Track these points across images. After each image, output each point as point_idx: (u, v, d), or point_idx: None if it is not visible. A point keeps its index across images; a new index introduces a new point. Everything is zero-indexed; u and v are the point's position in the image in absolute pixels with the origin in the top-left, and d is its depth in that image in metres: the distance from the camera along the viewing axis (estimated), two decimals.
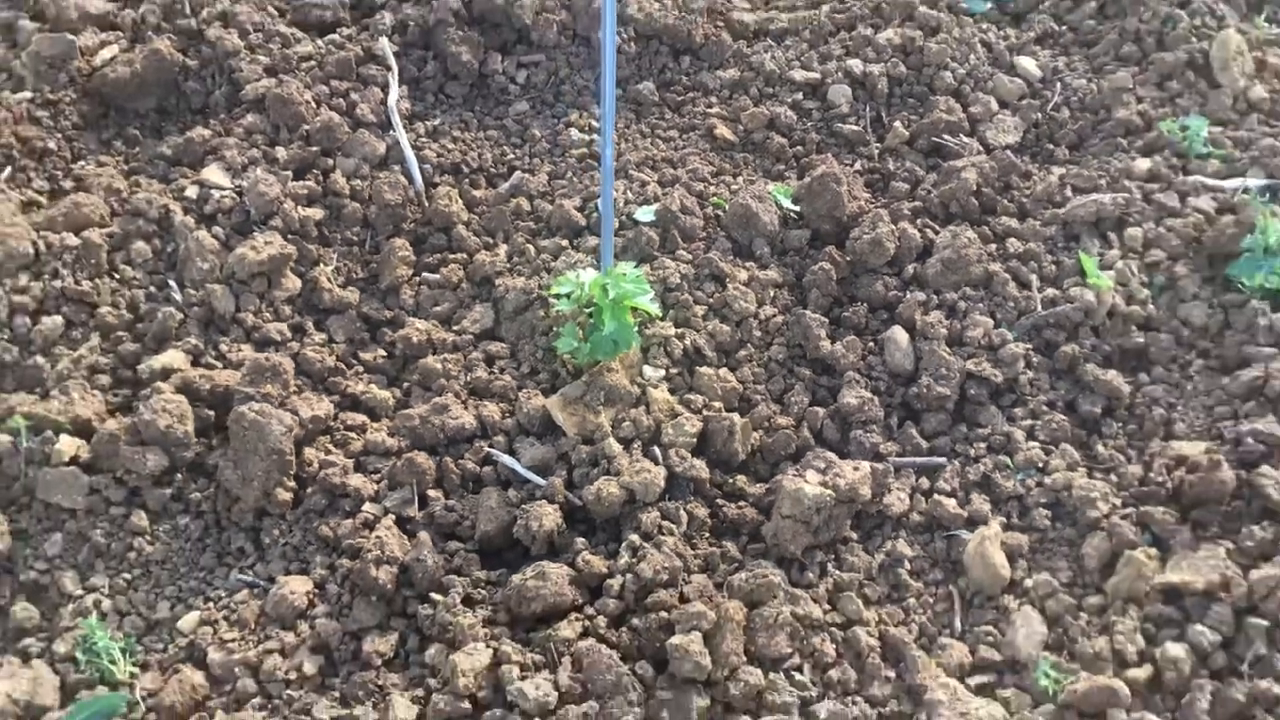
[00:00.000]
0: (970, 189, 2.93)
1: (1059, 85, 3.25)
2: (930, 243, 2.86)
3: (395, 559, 2.29)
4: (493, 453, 2.49)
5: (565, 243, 2.88)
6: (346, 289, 2.82)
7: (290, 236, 2.81)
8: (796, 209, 2.94)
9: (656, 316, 2.67)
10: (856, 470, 2.41)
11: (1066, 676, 2.15)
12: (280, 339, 2.68)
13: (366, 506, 2.41)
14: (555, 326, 2.67)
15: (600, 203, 2.60)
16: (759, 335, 2.73)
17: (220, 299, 2.68)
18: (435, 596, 2.27)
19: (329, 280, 2.80)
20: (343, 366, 2.70)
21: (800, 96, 3.25)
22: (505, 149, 3.15)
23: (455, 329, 2.78)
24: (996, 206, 2.96)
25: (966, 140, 3.10)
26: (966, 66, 3.28)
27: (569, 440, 2.48)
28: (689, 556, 2.31)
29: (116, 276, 2.72)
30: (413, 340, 2.72)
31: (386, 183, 2.93)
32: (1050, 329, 2.69)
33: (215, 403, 2.52)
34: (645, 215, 2.91)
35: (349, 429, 2.57)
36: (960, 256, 2.77)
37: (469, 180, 3.06)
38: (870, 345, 2.72)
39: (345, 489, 2.43)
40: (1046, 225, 2.89)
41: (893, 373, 2.67)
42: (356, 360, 2.74)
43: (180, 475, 2.45)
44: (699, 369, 2.63)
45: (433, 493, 2.44)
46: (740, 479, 2.50)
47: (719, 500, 2.46)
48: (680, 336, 2.68)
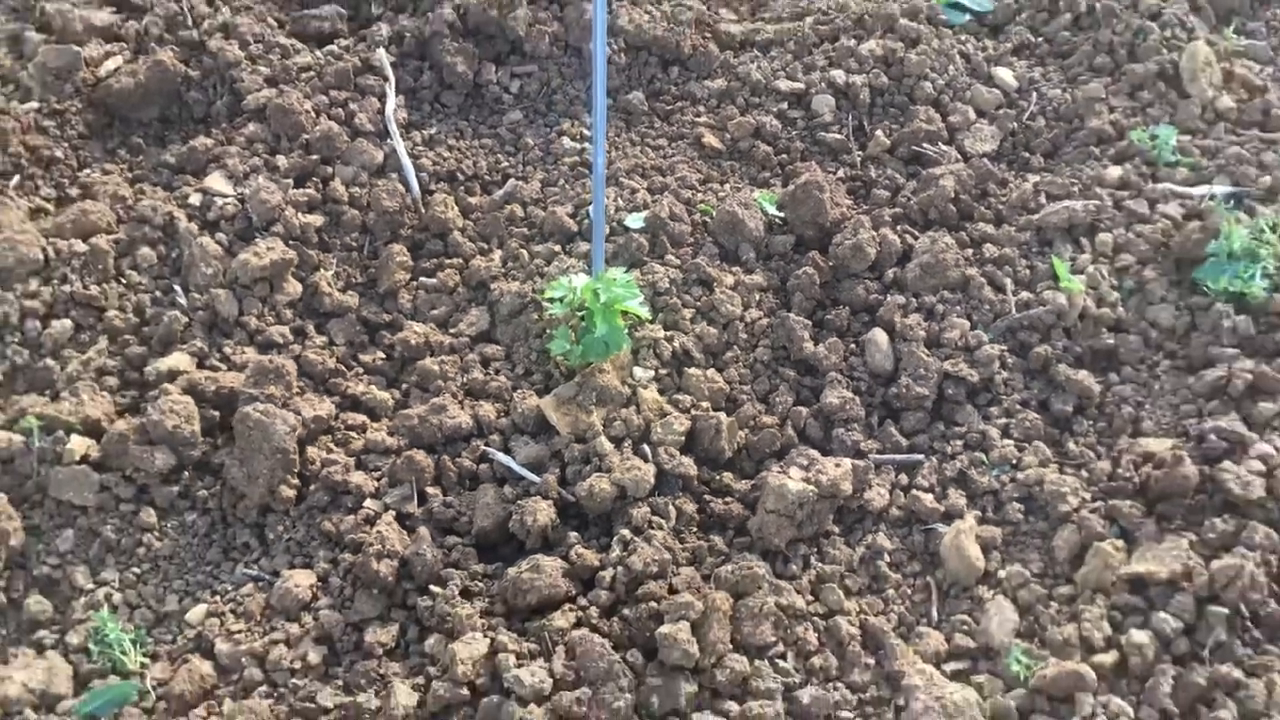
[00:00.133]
0: (948, 196, 2.98)
1: (1035, 95, 3.30)
2: (910, 248, 2.91)
3: (395, 553, 2.35)
4: (489, 451, 2.54)
5: (558, 248, 2.93)
6: (346, 293, 2.87)
7: (291, 242, 2.86)
8: (781, 215, 2.99)
9: (646, 319, 2.71)
10: (838, 467, 2.47)
11: (1037, 662, 2.21)
12: (282, 342, 2.74)
13: (367, 503, 2.46)
14: (549, 329, 2.72)
15: (592, 209, 2.62)
16: (745, 337, 2.78)
17: (224, 303, 2.74)
18: (434, 589, 2.32)
19: (329, 285, 2.85)
20: (343, 368, 2.74)
21: (785, 106, 3.30)
22: (499, 157, 3.19)
23: (452, 332, 2.83)
24: (974, 213, 3.01)
25: (945, 149, 3.16)
26: (946, 77, 3.33)
27: (562, 439, 2.53)
28: (677, 550, 2.37)
29: (123, 281, 2.77)
30: (411, 343, 2.77)
31: (384, 190, 2.98)
32: (1024, 331, 2.76)
33: (220, 403, 2.57)
34: (635, 222, 2.95)
35: (350, 428, 2.62)
36: (938, 261, 2.84)
37: (464, 187, 3.11)
38: (852, 347, 2.77)
39: (347, 486, 2.48)
40: (1021, 231, 2.95)
41: (873, 373, 2.73)
42: (356, 362, 2.78)
43: (187, 473, 2.51)
44: (687, 370, 2.68)
45: (431, 490, 2.49)
46: (727, 475, 2.55)
47: (706, 496, 2.51)
48: (669, 339, 2.73)
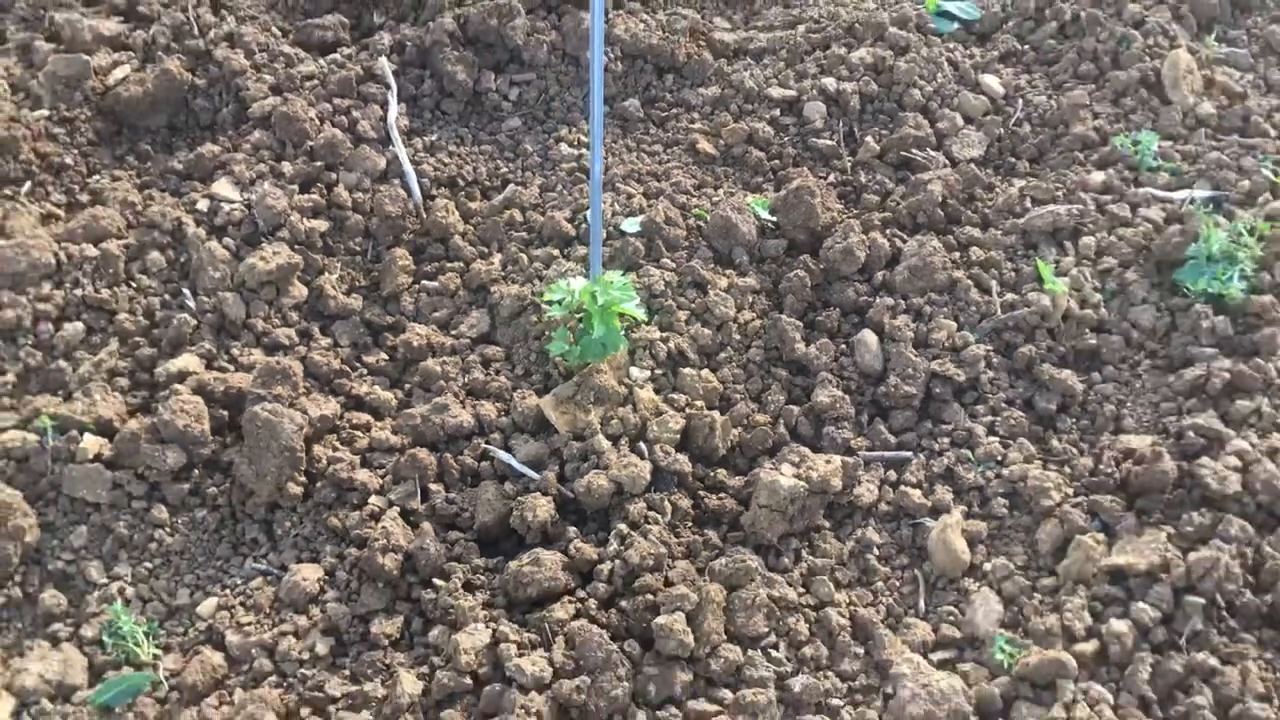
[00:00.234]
0: (936, 200, 3.05)
1: (1020, 102, 3.37)
2: (898, 251, 2.97)
3: (400, 548, 2.40)
4: (490, 449, 2.60)
5: (556, 252, 2.99)
6: (350, 296, 2.93)
7: (297, 247, 2.92)
8: (773, 220, 3.05)
9: (642, 321, 2.76)
10: (829, 463, 2.53)
11: (1020, 651, 2.27)
12: (288, 343, 2.80)
13: (372, 499, 2.52)
14: (547, 331, 2.77)
15: (589, 214, 2.66)
16: (738, 338, 2.84)
17: (231, 306, 2.80)
18: (438, 582, 2.38)
19: (333, 288, 2.91)
20: (347, 369, 2.80)
21: (777, 113, 3.36)
22: (499, 163, 3.26)
23: (453, 334, 2.88)
24: (961, 217, 3.07)
25: (933, 154, 3.22)
26: (934, 84, 3.40)
27: (561, 437, 2.59)
28: (673, 544, 2.42)
29: (133, 285, 2.83)
30: (413, 344, 2.82)
31: (387, 196, 3.04)
32: (1009, 331, 2.82)
33: (229, 403, 2.63)
34: (631, 226, 3.00)
35: (355, 427, 2.67)
36: (926, 264, 2.90)
37: (465, 193, 3.17)
38: (842, 347, 2.84)
39: (352, 483, 2.54)
40: (1007, 235, 3.01)
41: (863, 373, 2.79)
42: (360, 363, 2.84)
43: (197, 471, 2.56)
44: (682, 370, 2.74)
45: (434, 486, 2.54)
46: (720, 472, 2.60)
47: (701, 492, 2.56)
48: (664, 340, 2.78)
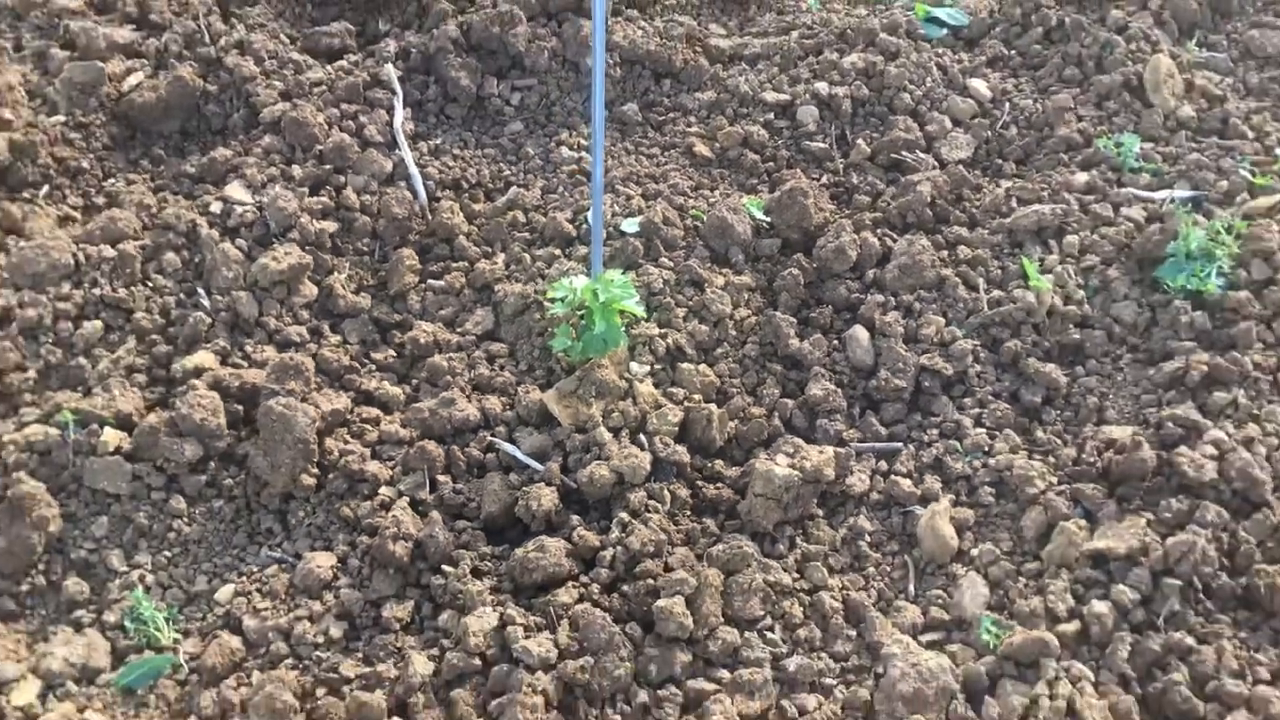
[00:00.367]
0: (925, 201, 3.12)
1: (1007, 105, 3.46)
2: (889, 250, 3.05)
3: (410, 536, 2.47)
4: (495, 441, 2.67)
5: (558, 252, 3.06)
6: (359, 295, 3.00)
7: (307, 248, 2.99)
8: (768, 220, 3.12)
9: (642, 318, 2.83)
10: (822, 454, 2.60)
11: (1005, 632, 2.34)
12: (300, 340, 2.87)
13: (383, 490, 2.59)
14: (550, 328, 2.84)
15: (590, 215, 2.73)
16: (734, 334, 2.92)
17: (245, 304, 2.88)
18: (446, 568, 2.44)
19: (343, 287, 2.98)
20: (357, 365, 2.87)
21: (772, 116, 3.44)
22: (502, 166, 3.33)
23: (459, 331, 2.95)
24: (949, 217, 3.15)
25: (923, 156, 3.30)
26: (923, 88, 3.48)
27: (564, 429, 2.65)
28: (672, 531, 2.50)
29: (149, 285, 2.91)
30: (420, 341, 2.89)
31: (394, 198, 3.11)
32: (996, 327, 2.89)
33: (243, 398, 2.70)
34: (631, 226, 3.07)
35: (365, 421, 2.74)
36: (915, 262, 2.98)
37: (469, 195, 3.24)
38: (835, 343, 2.91)
39: (364, 474, 2.60)
40: (994, 234, 3.09)
41: (855, 367, 2.87)
42: (369, 360, 2.91)
43: (214, 463, 2.63)
44: (680, 365, 2.81)
45: (442, 477, 2.62)
46: (718, 463, 2.67)
47: (699, 482, 2.63)
48: (663, 336, 2.85)
